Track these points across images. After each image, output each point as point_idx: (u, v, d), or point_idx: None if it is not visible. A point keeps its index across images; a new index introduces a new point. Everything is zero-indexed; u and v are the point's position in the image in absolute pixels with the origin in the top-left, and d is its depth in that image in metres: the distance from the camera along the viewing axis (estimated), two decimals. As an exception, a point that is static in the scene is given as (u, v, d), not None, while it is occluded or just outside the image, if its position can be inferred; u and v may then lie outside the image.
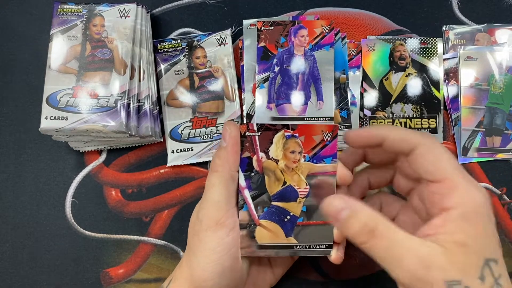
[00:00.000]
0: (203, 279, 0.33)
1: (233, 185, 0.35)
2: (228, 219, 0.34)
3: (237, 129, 0.35)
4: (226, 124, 0.36)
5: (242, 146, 0.35)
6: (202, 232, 0.34)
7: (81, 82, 0.44)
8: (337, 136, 0.35)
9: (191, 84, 0.47)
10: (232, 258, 0.34)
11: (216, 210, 0.34)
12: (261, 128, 0.35)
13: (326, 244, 0.36)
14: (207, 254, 0.33)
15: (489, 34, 0.49)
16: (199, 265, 0.33)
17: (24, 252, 0.46)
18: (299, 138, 0.36)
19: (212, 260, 0.33)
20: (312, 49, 0.46)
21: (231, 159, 0.35)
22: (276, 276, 0.40)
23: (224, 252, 0.33)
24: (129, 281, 0.45)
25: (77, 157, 0.47)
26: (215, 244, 0.33)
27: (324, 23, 0.47)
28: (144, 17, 0.47)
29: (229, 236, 0.34)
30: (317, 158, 0.35)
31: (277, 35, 0.45)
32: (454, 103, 0.47)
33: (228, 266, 0.33)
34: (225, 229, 0.33)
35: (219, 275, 0.33)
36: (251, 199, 0.35)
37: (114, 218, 0.46)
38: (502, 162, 0.46)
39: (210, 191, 0.34)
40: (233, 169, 0.35)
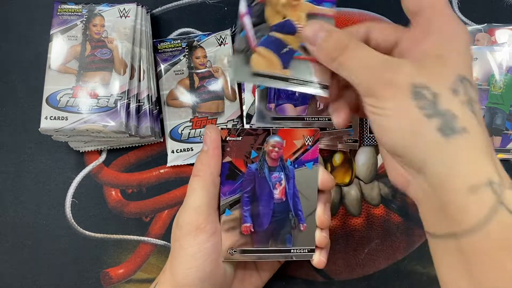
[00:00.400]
0: (185, 284, 0.33)
1: (214, 190, 0.34)
2: (209, 224, 0.34)
3: (218, 133, 0.35)
4: (207, 128, 0.36)
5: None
6: (183, 237, 0.33)
7: (81, 82, 0.44)
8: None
9: (191, 84, 0.47)
10: (213, 264, 0.34)
11: (196, 215, 0.33)
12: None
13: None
14: (188, 259, 0.33)
15: (489, 34, 0.49)
16: (180, 271, 0.33)
17: (24, 252, 0.46)
18: None
19: (193, 266, 0.33)
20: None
21: (212, 163, 0.35)
22: (263, 280, 0.40)
23: (204, 258, 0.33)
24: (129, 281, 0.45)
25: (77, 157, 0.47)
26: (196, 250, 0.33)
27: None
28: (144, 17, 0.47)
29: (209, 241, 0.33)
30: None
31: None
32: (454, 103, 0.47)
33: (209, 272, 0.33)
34: (206, 234, 0.33)
35: (201, 281, 0.33)
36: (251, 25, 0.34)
37: (114, 218, 0.46)
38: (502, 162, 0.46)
39: (191, 196, 0.34)
40: (214, 173, 0.35)
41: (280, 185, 0.36)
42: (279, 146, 0.35)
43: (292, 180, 0.35)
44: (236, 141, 0.35)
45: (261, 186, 0.35)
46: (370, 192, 0.46)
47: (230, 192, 0.35)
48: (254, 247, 0.35)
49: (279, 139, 0.35)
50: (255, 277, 0.39)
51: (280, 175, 0.35)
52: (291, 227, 0.36)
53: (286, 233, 0.36)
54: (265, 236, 0.36)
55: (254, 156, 0.35)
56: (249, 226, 0.35)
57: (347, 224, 0.45)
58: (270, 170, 0.35)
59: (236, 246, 0.35)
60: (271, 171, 0.36)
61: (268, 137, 0.35)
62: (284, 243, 0.36)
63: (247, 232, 0.35)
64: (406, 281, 0.44)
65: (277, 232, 0.36)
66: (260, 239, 0.36)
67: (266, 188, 0.36)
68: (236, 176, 0.35)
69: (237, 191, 0.35)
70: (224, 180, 0.35)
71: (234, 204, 0.35)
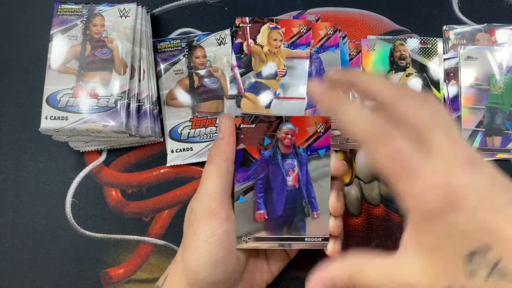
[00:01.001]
0: (197, 271, 0.33)
1: (228, 176, 0.35)
2: (222, 210, 0.34)
3: (232, 120, 0.36)
4: (222, 116, 0.36)
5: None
6: (196, 222, 0.34)
7: (81, 82, 0.44)
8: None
9: (191, 84, 0.47)
10: (225, 250, 0.34)
11: (210, 201, 0.34)
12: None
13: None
14: (200, 245, 0.33)
15: (489, 34, 0.49)
16: (192, 256, 0.33)
17: (24, 252, 0.46)
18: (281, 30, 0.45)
19: (205, 251, 0.33)
20: (318, 51, 0.46)
21: (226, 149, 0.35)
22: (273, 273, 0.40)
23: (217, 243, 0.33)
24: (129, 281, 0.45)
25: (77, 157, 0.47)
26: (209, 234, 0.33)
27: (328, 25, 0.47)
28: (144, 17, 0.47)
29: (222, 227, 0.34)
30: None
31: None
32: (454, 103, 0.47)
33: (221, 257, 0.33)
34: (219, 220, 0.34)
35: (212, 266, 0.33)
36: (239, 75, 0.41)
37: (114, 218, 0.46)
38: (502, 162, 0.46)
39: (205, 181, 0.35)
40: (229, 160, 0.35)
41: (293, 172, 0.36)
42: (292, 133, 0.36)
43: (305, 167, 0.36)
44: (249, 128, 0.36)
45: (274, 173, 0.36)
46: (370, 192, 0.46)
47: (244, 179, 0.35)
48: (268, 235, 0.36)
49: (292, 126, 0.36)
50: (265, 270, 0.39)
51: (293, 162, 0.36)
52: (305, 215, 0.36)
53: (300, 221, 0.36)
54: (278, 224, 0.36)
55: (267, 143, 0.36)
56: (263, 213, 0.35)
57: (347, 224, 0.45)
58: (283, 157, 0.36)
59: (250, 233, 0.35)
60: (284, 158, 0.36)
61: (281, 124, 0.36)
62: (297, 230, 0.35)
63: (261, 219, 0.35)
64: (406, 281, 0.44)
65: (290, 220, 0.36)
66: (274, 227, 0.36)
67: (279, 175, 0.36)
68: (249, 163, 0.36)
69: (250, 178, 0.36)
70: (238, 167, 0.35)
71: (248, 191, 0.35)
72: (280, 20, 0.47)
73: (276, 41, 0.45)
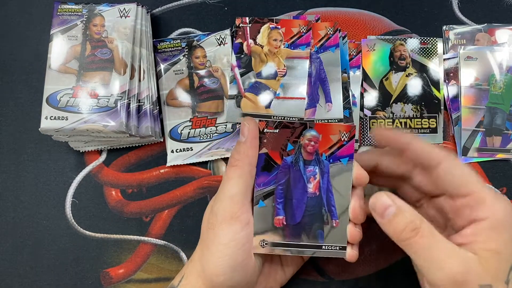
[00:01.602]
0: (216, 274, 0.33)
1: (250, 180, 0.35)
2: (243, 214, 0.34)
3: (256, 124, 0.36)
4: (245, 119, 0.36)
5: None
6: (217, 225, 0.34)
7: (81, 82, 0.44)
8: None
9: (191, 84, 0.47)
10: (245, 254, 0.34)
11: (232, 204, 0.34)
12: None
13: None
14: (221, 248, 0.33)
15: (489, 34, 0.49)
16: (212, 259, 0.33)
17: (24, 252, 0.46)
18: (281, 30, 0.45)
19: (225, 255, 0.33)
20: (317, 51, 0.46)
21: (250, 153, 0.35)
22: (287, 276, 0.40)
23: (237, 247, 0.33)
24: (129, 281, 0.45)
25: (77, 157, 0.47)
26: (230, 238, 0.33)
27: (328, 25, 0.47)
28: (144, 17, 0.47)
29: (243, 231, 0.34)
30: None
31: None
32: (454, 103, 0.47)
33: (240, 262, 0.34)
34: (240, 223, 0.34)
35: (231, 270, 0.33)
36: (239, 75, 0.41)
37: (114, 218, 0.46)
38: (502, 162, 0.46)
39: (227, 184, 0.35)
40: (252, 164, 0.35)
41: (314, 179, 0.36)
42: (315, 140, 0.35)
43: (326, 174, 0.35)
44: (273, 133, 0.35)
45: (295, 179, 0.35)
46: (370, 192, 0.46)
47: (264, 184, 0.35)
48: (285, 241, 0.35)
49: (316, 133, 0.35)
50: (279, 273, 0.39)
51: (315, 169, 0.35)
52: (324, 223, 0.35)
53: (318, 228, 0.35)
54: (297, 230, 0.35)
55: (290, 149, 0.36)
56: (282, 218, 0.35)
57: (347, 224, 0.45)
58: (305, 164, 0.36)
59: (268, 239, 0.35)
60: (306, 165, 0.36)
61: (304, 131, 0.35)
62: (315, 238, 0.35)
63: (279, 224, 0.35)
64: (406, 281, 0.44)
65: (309, 227, 0.35)
66: (292, 233, 0.35)
67: (301, 181, 0.35)
68: (271, 168, 0.35)
69: (271, 183, 0.35)
70: (259, 171, 0.35)
71: (268, 196, 0.35)
72: (280, 20, 0.47)
73: (276, 41, 0.45)
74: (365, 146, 0.46)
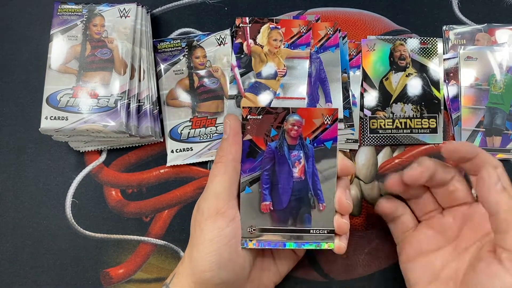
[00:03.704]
0: (203, 270, 0.33)
1: (235, 176, 0.35)
2: (229, 209, 0.34)
3: (237, 120, 0.36)
4: (227, 116, 0.37)
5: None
6: (203, 221, 0.34)
7: (81, 82, 0.44)
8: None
9: (191, 84, 0.47)
10: (231, 249, 0.34)
11: (216, 200, 0.34)
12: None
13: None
14: (207, 244, 0.33)
15: (489, 34, 0.49)
16: (198, 255, 0.34)
17: (24, 252, 0.46)
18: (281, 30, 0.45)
19: (211, 251, 0.33)
20: (317, 51, 0.46)
21: (232, 150, 0.35)
22: (281, 273, 0.40)
23: (223, 243, 0.34)
24: (129, 281, 0.45)
25: (77, 157, 0.47)
26: (215, 234, 0.33)
27: (328, 25, 0.47)
28: (144, 17, 0.47)
29: (228, 226, 0.34)
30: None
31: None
32: (454, 103, 0.47)
33: (227, 257, 0.34)
34: (225, 219, 0.34)
35: (218, 266, 0.33)
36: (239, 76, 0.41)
37: (114, 218, 0.46)
38: (502, 162, 0.46)
39: (212, 182, 0.35)
40: (235, 160, 0.35)
41: (299, 164, 0.36)
42: (299, 124, 0.35)
43: (311, 158, 0.35)
44: (256, 119, 0.36)
45: (280, 165, 0.36)
46: (370, 192, 0.46)
47: (250, 170, 0.36)
48: (273, 226, 0.35)
49: (299, 117, 0.35)
50: (273, 270, 0.39)
51: (300, 154, 0.36)
52: (311, 207, 0.36)
53: (305, 212, 0.35)
54: (284, 215, 0.36)
55: (274, 134, 0.36)
56: (268, 204, 0.36)
57: (347, 224, 0.45)
58: (289, 149, 0.36)
59: (256, 224, 0.35)
60: (291, 150, 0.36)
61: (287, 116, 0.36)
62: (303, 222, 0.35)
63: (266, 210, 0.35)
64: (406, 281, 0.44)
65: (296, 211, 0.36)
66: (279, 218, 0.36)
67: (286, 166, 0.36)
68: (256, 154, 0.36)
69: (257, 169, 0.35)
70: (245, 158, 0.35)
71: (254, 182, 0.35)
72: (280, 20, 0.47)
73: (276, 41, 0.45)
74: (365, 146, 0.46)
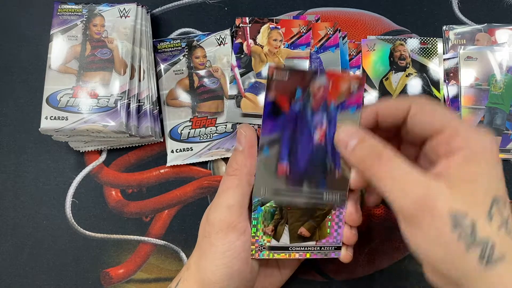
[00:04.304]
0: (213, 281, 0.33)
1: (248, 189, 0.35)
2: (240, 223, 0.34)
3: (253, 132, 0.35)
4: (241, 127, 0.36)
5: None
6: (213, 234, 0.34)
7: (81, 82, 0.44)
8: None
9: (191, 84, 0.47)
10: (241, 262, 0.34)
11: (229, 214, 0.34)
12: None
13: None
14: (218, 257, 0.33)
15: (489, 34, 0.49)
16: (209, 268, 0.34)
17: (24, 252, 0.46)
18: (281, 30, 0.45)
19: (222, 264, 0.33)
20: (317, 51, 0.46)
21: (248, 163, 0.35)
22: (283, 278, 0.40)
23: (234, 256, 0.33)
24: (129, 281, 0.45)
25: (77, 157, 0.47)
26: (226, 248, 0.33)
27: (328, 25, 0.47)
28: (144, 17, 0.47)
29: (239, 240, 0.34)
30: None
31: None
32: (454, 103, 0.47)
33: (237, 270, 0.34)
34: (236, 233, 0.34)
35: (228, 278, 0.33)
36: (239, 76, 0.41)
37: (114, 218, 0.46)
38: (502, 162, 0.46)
39: (225, 194, 0.35)
40: (250, 173, 0.35)
41: (321, 128, 0.34)
42: (325, 88, 0.34)
43: (333, 124, 0.34)
44: (282, 80, 0.33)
45: (302, 127, 0.34)
46: (370, 192, 0.46)
47: (270, 130, 0.34)
48: (287, 188, 0.35)
49: (326, 81, 0.34)
50: (276, 276, 0.39)
51: (322, 118, 0.34)
52: (326, 173, 0.34)
53: (321, 177, 0.34)
54: (299, 177, 0.35)
55: (299, 96, 0.34)
56: (285, 165, 0.34)
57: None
58: (312, 112, 0.34)
59: (270, 186, 0.34)
60: (314, 113, 0.34)
61: (314, 78, 0.34)
62: (317, 187, 0.35)
63: (283, 172, 0.34)
64: (406, 281, 0.44)
65: (312, 175, 0.35)
66: (295, 180, 0.35)
67: (307, 129, 0.34)
68: (279, 114, 0.34)
69: (277, 130, 0.34)
70: (266, 117, 0.34)
71: (273, 144, 0.34)
72: (280, 20, 0.47)
73: (276, 41, 0.45)
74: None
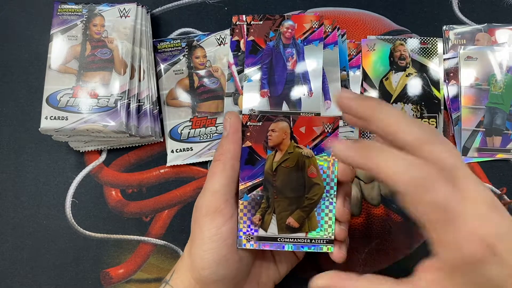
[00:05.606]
0: (202, 267, 0.34)
1: (233, 174, 0.35)
2: (226, 208, 0.34)
3: (237, 117, 0.36)
4: (227, 114, 0.37)
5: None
6: (201, 219, 0.34)
7: (81, 82, 0.44)
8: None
9: (191, 84, 0.47)
10: (228, 248, 0.34)
11: (214, 199, 0.34)
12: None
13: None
14: (205, 242, 0.34)
15: (489, 34, 0.49)
16: (198, 253, 0.34)
17: (24, 252, 0.46)
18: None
19: (209, 248, 0.34)
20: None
21: (231, 148, 0.35)
22: (281, 273, 0.40)
23: (220, 241, 0.34)
24: (129, 281, 0.45)
25: (77, 157, 0.47)
26: (213, 232, 0.34)
27: (327, 23, 0.46)
28: (144, 17, 0.47)
29: (225, 225, 0.34)
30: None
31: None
32: (454, 103, 0.47)
33: (224, 256, 0.34)
34: (222, 217, 0.34)
35: (216, 263, 0.34)
36: (237, 73, 0.44)
37: (114, 218, 0.46)
38: (502, 162, 0.46)
39: (210, 179, 0.35)
40: (234, 158, 0.35)
41: (292, 59, 0.43)
42: (292, 28, 0.43)
43: (302, 55, 0.43)
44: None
45: (277, 59, 0.43)
46: (370, 192, 0.46)
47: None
48: (270, 109, 0.42)
49: (292, 22, 0.43)
50: (272, 270, 0.39)
51: (292, 51, 0.43)
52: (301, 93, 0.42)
53: (297, 98, 0.42)
54: (279, 99, 0.42)
55: (272, 36, 0.43)
56: (266, 91, 0.42)
57: (347, 224, 0.45)
58: (284, 47, 0.43)
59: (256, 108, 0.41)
60: (285, 47, 0.43)
61: (283, 21, 0.43)
62: (295, 106, 0.41)
63: (264, 96, 0.42)
64: (406, 281, 0.44)
65: (289, 97, 0.42)
66: (275, 102, 0.42)
67: (281, 60, 0.43)
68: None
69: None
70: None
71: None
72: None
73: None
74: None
